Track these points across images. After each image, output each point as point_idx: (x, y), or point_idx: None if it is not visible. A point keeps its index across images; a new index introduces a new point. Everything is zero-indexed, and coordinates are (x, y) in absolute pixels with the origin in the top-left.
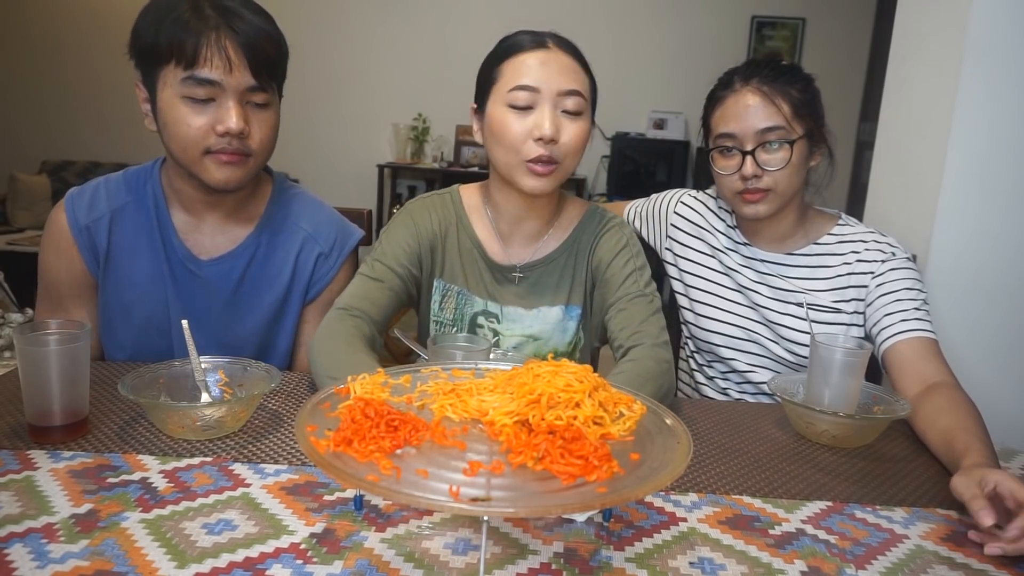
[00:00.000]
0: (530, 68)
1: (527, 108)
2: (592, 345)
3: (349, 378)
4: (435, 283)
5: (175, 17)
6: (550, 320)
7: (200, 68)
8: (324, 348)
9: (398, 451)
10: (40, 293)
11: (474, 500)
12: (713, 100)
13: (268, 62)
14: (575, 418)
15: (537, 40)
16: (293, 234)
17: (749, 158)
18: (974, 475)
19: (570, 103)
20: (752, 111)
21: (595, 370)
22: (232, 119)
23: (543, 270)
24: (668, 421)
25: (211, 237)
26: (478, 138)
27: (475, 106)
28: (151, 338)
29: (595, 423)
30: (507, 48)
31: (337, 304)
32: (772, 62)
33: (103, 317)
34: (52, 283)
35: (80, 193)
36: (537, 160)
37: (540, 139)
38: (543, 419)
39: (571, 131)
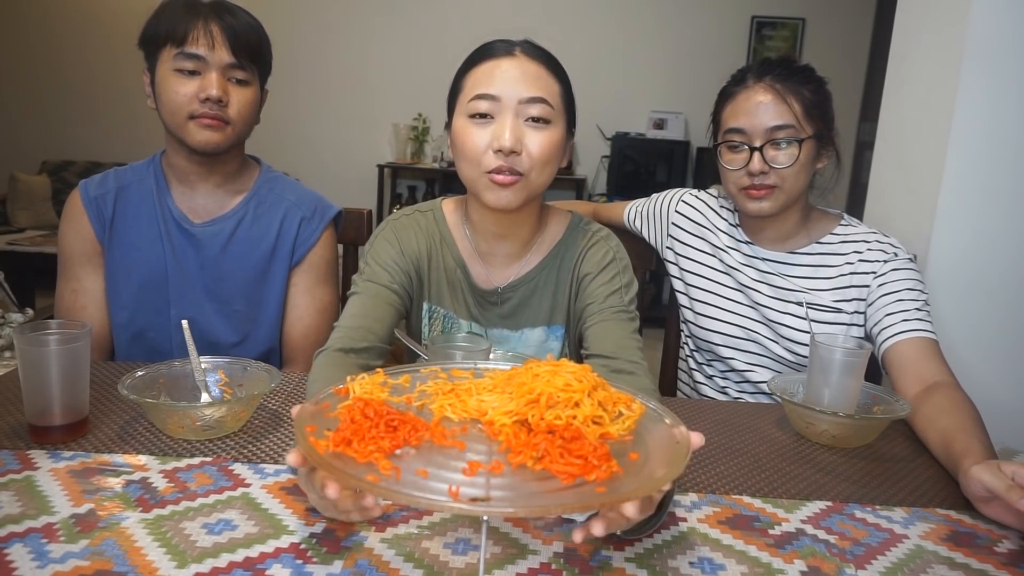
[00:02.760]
0: (491, 76)
1: (487, 118)
2: (576, 355)
3: (348, 378)
4: (424, 306)
5: (174, 9)
6: (532, 342)
7: (188, 45)
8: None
9: (397, 451)
10: (59, 270)
11: (474, 500)
12: (724, 95)
13: (248, 45)
14: (574, 418)
15: (505, 48)
16: (278, 203)
17: (757, 154)
18: (994, 466)
19: (534, 110)
20: (763, 108)
21: None
22: (213, 87)
23: (525, 289)
24: (668, 421)
25: (204, 205)
26: (450, 154)
27: (448, 120)
28: (149, 295)
29: (594, 423)
30: (473, 57)
31: (338, 324)
32: (785, 61)
33: (108, 280)
34: (67, 253)
35: (92, 177)
36: (497, 171)
37: (500, 150)
38: (542, 419)
39: (536, 141)
